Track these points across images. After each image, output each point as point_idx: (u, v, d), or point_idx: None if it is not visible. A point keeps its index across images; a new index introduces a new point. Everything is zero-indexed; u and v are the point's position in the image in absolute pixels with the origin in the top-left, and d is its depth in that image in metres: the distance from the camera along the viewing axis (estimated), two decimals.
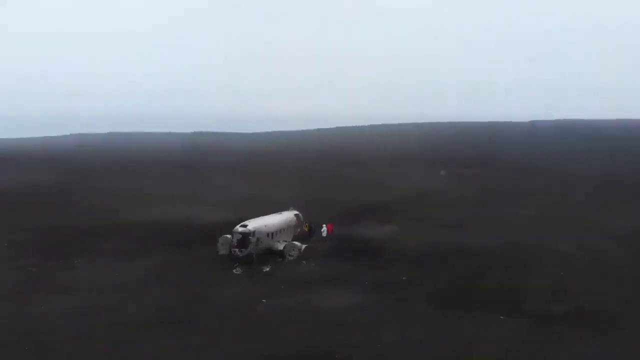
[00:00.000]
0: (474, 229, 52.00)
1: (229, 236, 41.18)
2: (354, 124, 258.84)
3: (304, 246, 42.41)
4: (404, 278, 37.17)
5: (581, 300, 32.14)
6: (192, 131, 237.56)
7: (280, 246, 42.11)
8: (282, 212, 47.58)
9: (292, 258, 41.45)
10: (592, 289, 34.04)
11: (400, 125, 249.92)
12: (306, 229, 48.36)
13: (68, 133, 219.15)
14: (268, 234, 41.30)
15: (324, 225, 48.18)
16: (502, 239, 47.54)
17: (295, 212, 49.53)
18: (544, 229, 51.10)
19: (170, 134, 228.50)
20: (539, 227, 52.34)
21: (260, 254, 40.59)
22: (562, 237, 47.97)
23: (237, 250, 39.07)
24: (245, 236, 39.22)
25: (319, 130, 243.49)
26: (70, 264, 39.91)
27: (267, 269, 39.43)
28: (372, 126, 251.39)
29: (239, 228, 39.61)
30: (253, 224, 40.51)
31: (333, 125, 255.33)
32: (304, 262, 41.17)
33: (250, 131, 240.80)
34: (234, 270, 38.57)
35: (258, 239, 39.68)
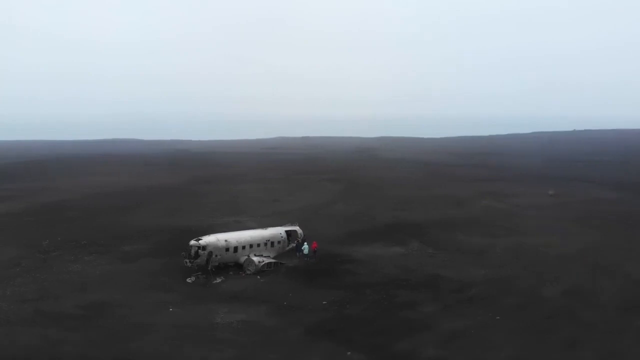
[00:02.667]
0: (482, 260, 48.07)
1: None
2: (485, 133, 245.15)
3: (263, 262, 44.30)
4: (324, 302, 36.99)
5: (460, 351, 28.81)
6: (378, 136, 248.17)
7: (243, 260, 44.74)
8: (268, 228, 49.90)
9: (249, 273, 43.78)
10: (490, 342, 29.99)
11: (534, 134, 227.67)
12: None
13: (274, 136, 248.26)
14: (227, 249, 44.14)
15: (305, 243, 49.18)
16: (498, 274, 43.46)
17: (292, 228, 51.39)
18: (561, 268, 44.80)
19: (352, 138, 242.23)
20: (561, 264, 45.85)
21: (219, 266, 43.83)
22: (567, 279, 41.58)
23: (187, 261, 42.92)
24: (197, 249, 42.86)
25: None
26: (80, 259, 47.48)
27: (218, 281, 42.33)
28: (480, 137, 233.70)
29: (192, 241, 43.41)
30: (209, 238, 43.86)
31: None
32: (259, 277, 43.18)
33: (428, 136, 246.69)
34: (187, 279, 42.40)
35: (210, 253, 42.86)
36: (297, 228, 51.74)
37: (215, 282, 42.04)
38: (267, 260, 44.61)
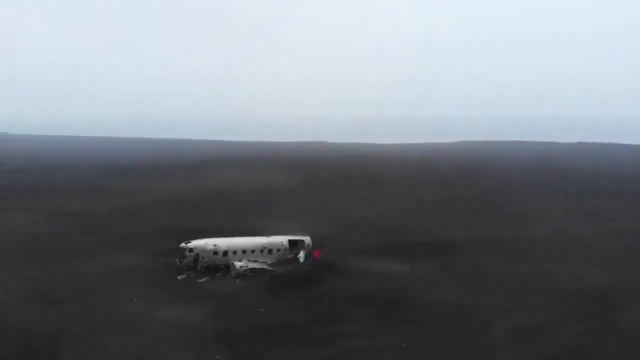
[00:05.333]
0: (479, 285, 45.36)
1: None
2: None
3: (246, 267, 47.43)
4: (261, 310, 39.02)
5: None
6: (541, 141, 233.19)
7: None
8: (271, 236, 52.64)
9: (232, 275, 47.39)
10: None
11: None
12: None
13: (458, 140, 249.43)
14: (216, 252, 48.17)
15: (302, 251, 50.90)
16: (471, 301, 41.39)
17: (300, 237, 53.44)
18: (546, 303, 41.38)
19: (520, 142, 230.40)
20: (551, 299, 42.25)
21: (209, 267, 48.23)
22: (532, 316, 38.17)
23: (178, 260, 48.03)
24: (185, 251, 47.80)
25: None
26: (111, 252, 55.39)
27: (203, 280, 46.72)
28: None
29: (182, 244, 48.38)
30: (198, 242, 48.38)
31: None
32: (237, 280, 46.59)
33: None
34: (179, 277, 47.53)
35: (197, 255, 47.42)
36: (306, 238, 53.66)
37: (199, 281, 46.57)
38: (250, 266, 47.76)
